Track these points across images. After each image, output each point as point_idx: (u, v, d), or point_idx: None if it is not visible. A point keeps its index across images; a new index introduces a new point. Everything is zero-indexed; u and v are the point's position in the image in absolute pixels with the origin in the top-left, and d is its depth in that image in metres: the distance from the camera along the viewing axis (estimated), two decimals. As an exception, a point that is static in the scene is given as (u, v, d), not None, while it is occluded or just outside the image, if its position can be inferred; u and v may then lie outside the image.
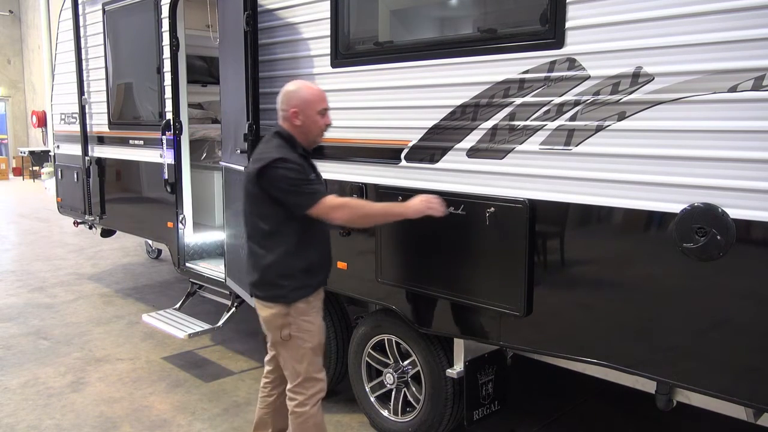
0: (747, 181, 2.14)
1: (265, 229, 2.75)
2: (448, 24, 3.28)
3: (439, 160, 3.03)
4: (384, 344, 3.55)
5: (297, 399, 2.89)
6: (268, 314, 2.83)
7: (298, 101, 2.78)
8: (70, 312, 5.94)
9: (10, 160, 19.43)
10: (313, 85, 2.90)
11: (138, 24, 5.24)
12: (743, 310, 2.21)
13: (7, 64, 19.81)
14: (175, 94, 4.78)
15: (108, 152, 5.86)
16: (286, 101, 2.81)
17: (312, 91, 2.83)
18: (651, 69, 2.32)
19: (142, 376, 4.47)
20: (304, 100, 2.78)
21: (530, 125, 2.67)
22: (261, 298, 2.84)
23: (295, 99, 2.79)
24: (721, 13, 2.15)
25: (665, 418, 3.47)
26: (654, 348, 2.44)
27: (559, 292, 2.69)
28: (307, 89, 2.82)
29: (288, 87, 2.85)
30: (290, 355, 2.86)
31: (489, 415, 3.27)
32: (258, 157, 2.74)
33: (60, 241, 9.31)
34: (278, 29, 3.81)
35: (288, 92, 2.82)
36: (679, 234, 2.29)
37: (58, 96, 6.73)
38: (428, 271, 3.13)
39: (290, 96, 2.81)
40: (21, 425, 3.77)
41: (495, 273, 2.84)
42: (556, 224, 2.68)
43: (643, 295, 2.43)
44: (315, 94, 2.82)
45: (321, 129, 2.86)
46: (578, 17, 2.51)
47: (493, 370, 3.27)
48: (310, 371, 2.87)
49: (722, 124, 2.18)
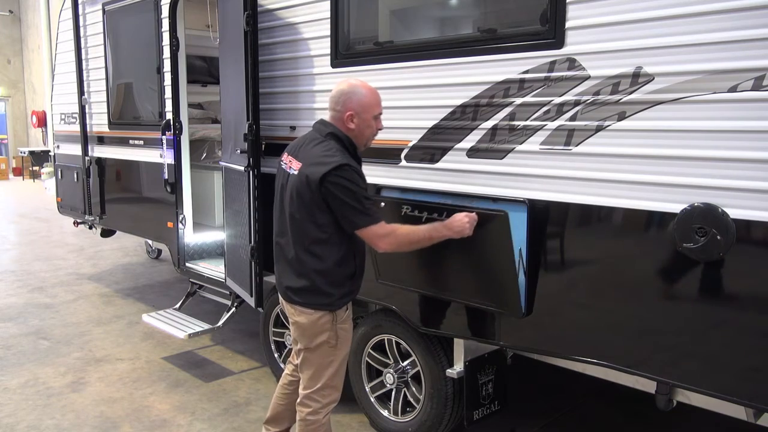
0: (747, 181, 2.14)
1: (319, 237, 2.62)
2: (448, 24, 3.28)
3: (439, 160, 3.03)
4: (384, 344, 3.55)
5: (312, 407, 2.80)
6: (308, 321, 2.70)
7: (356, 104, 2.64)
8: (70, 312, 5.94)
9: (10, 160, 19.43)
10: (370, 86, 2.72)
11: (138, 24, 5.24)
12: (743, 310, 2.22)
13: (7, 64, 19.81)
14: (175, 94, 4.78)
15: (108, 152, 5.86)
16: (343, 102, 2.65)
17: (371, 93, 2.68)
18: (651, 69, 2.32)
19: (142, 376, 4.47)
20: (361, 104, 2.64)
21: (530, 125, 2.67)
22: (303, 305, 2.70)
23: (352, 102, 2.64)
24: (721, 13, 2.15)
25: (665, 418, 3.47)
26: (654, 348, 2.44)
27: (558, 292, 2.69)
28: (366, 92, 2.67)
29: (342, 87, 2.69)
30: (320, 362, 2.76)
31: (489, 415, 3.27)
32: (319, 161, 2.57)
33: (60, 241, 9.31)
34: (278, 29, 3.81)
35: (343, 92, 2.66)
36: (679, 234, 2.29)
37: (58, 96, 6.73)
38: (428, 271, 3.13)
39: (347, 97, 2.65)
40: (21, 425, 3.77)
41: (495, 273, 2.84)
42: (556, 224, 2.68)
43: (643, 295, 2.43)
44: (374, 98, 2.68)
45: (374, 134, 2.75)
46: (578, 17, 2.51)
47: (493, 370, 3.27)
48: (334, 380, 2.81)
49: (722, 124, 2.18)
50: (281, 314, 4.15)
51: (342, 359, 2.82)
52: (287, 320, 4.11)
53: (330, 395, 2.83)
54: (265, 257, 3.70)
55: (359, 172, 2.61)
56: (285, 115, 3.86)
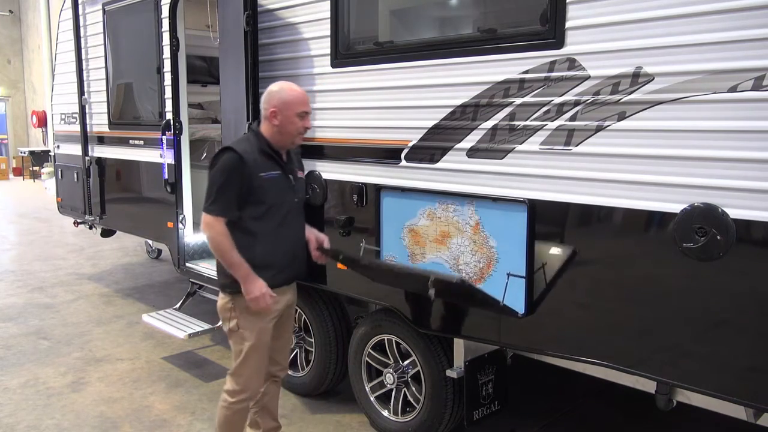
0: (747, 181, 2.14)
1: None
2: (448, 24, 3.28)
3: (439, 160, 3.03)
4: (384, 344, 3.55)
5: (224, 391, 2.96)
6: (219, 303, 2.92)
7: (278, 101, 2.81)
8: (70, 312, 5.94)
9: (10, 160, 19.43)
10: (297, 88, 2.89)
11: (138, 24, 5.23)
12: (743, 310, 2.21)
13: (7, 64, 19.81)
14: (175, 94, 4.78)
15: (108, 152, 5.85)
16: (267, 101, 2.84)
17: (294, 93, 2.84)
18: (651, 69, 2.32)
19: (142, 376, 4.47)
20: (283, 101, 2.81)
21: (530, 125, 2.67)
22: (216, 286, 2.92)
23: (275, 99, 2.82)
24: (721, 13, 2.15)
25: (665, 418, 3.47)
26: (654, 348, 2.44)
27: (558, 292, 2.69)
28: (290, 91, 2.84)
29: (271, 87, 2.87)
30: (233, 348, 2.92)
31: (489, 415, 3.27)
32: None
33: (60, 241, 9.31)
34: (278, 29, 3.81)
35: (270, 92, 2.85)
36: (679, 234, 2.29)
37: (58, 96, 6.72)
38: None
39: (271, 96, 2.83)
40: (21, 425, 3.77)
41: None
42: (556, 224, 2.68)
43: (643, 295, 2.43)
44: (296, 96, 2.83)
45: (298, 131, 2.86)
46: (578, 17, 2.51)
47: (493, 370, 3.27)
48: (241, 369, 2.89)
49: (722, 124, 2.18)
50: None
51: (249, 351, 2.87)
52: (287, 320, 4.12)
53: (237, 385, 2.91)
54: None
55: (235, 162, 2.73)
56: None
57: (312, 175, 3.69)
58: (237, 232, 2.79)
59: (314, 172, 3.67)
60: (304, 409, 3.96)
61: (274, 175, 2.84)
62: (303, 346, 4.09)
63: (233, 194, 2.74)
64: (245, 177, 2.75)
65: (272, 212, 2.83)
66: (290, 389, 4.13)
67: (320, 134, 3.63)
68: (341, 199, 3.56)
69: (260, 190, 2.78)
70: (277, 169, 2.87)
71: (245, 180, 2.75)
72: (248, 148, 2.80)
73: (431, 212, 3.11)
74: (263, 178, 2.79)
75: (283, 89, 2.84)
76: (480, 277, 2.95)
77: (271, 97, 2.83)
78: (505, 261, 2.84)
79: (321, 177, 3.64)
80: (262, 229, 2.82)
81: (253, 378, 2.93)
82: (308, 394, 4.06)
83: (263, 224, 2.82)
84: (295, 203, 2.95)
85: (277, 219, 2.84)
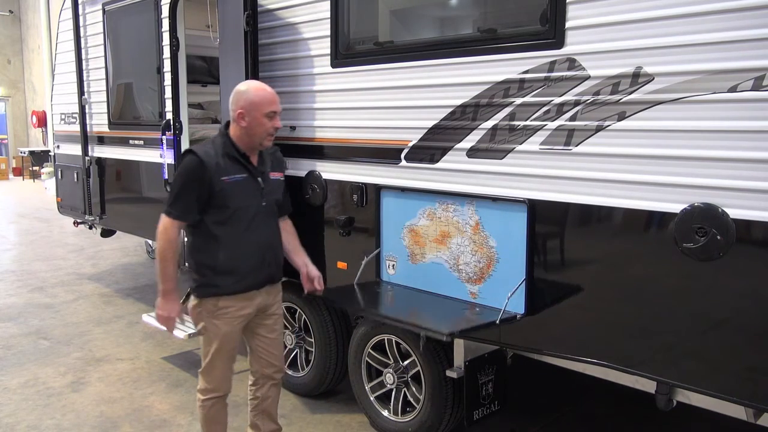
0: (747, 181, 2.14)
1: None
2: (448, 24, 3.28)
3: (439, 160, 3.03)
4: (384, 344, 3.55)
5: (197, 389, 3.00)
6: (189, 305, 2.91)
7: (245, 102, 2.72)
8: (70, 312, 5.94)
9: (10, 160, 19.43)
10: (265, 87, 2.79)
11: (138, 24, 5.24)
12: (743, 310, 2.22)
13: (7, 64, 19.80)
14: (175, 94, 4.77)
15: (108, 152, 5.85)
16: (234, 101, 2.75)
17: (261, 92, 2.75)
18: (651, 69, 2.32)
19: (142, 376, 4.47)
20: (250, 102, 2.72)
21: (530, 125, 2.67)
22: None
23: (242, 100, 2.73)
24: (721, 13, 2.15)
25: (665, 418, 3.47)
26: (654, 348, 2.44)
27: (558, 292, 2.69)
28: (256, 91, 2.75)
29: (239, 87, 2.79)
30: (202, 349, 2.94)
31: (489, 415, 3.27)
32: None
33: (60, 241, 9.31)
34: (278, 29, 3.81)
35: (237, 92, 2.77)
36: (679, 234, 2.29)
37: (58, 96, 6.73)
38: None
39: (238, 97, 2.75)
40: (21, 425, 3.77)
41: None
42: (556, 224, 2.68)
43: (643, 295, 2.43)
44: (263, 96, 2.74)
45: (267, 132, 2.77)
46: (578, 17, 2.51)
47: (493, 370, 3.26)
48: (208, 370, 2.92)
49: (722, 124, 2.18)
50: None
51: (215, 354, 2.87)
52: (287, 320, 4.12)
53: (207, 384, 2.94)
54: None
55: (194, 166, 2.69)
56: (285, 115, 3.84)
57: (312, 175, 3.69)
58: (200, 237, 2.77)
59: (314, 172, 3.67)
60: (304, 409, 3.96)
61: (239, 179, 2.76)
62: (303, 346, 4.09)
63: (192, 198, 2.70)
64: (205, 181, 2.68)
65: (237, 217, 2.76)
66: (290, 389, 4.13)
67: (320, 134, 3.63)
68: (341, 199, 3.56)
69: (222, 195, 2.71)
70: (243, 172, 2.78)
71: (205, 184, 2.68)
72: (211, 152, 2.74)
73: (431, 212, 3.11)
74: (225, 182, 2.71)
75: (250, 90, 2.76)
76: (480, 277, 2.95)
77: (238, 98, 2.74)
78: (505, 261, 2.84)
79: (321, 177, 3.64)
80: (225, 233, 2.76)
81: (220, 378, 2.94)
82: (308, 394, 4.06)
83: (227, 229, 2.76)
84: (264, 207, 2.85)
85: (243, 224, 2.77)
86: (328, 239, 3.64)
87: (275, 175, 2.95)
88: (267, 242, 2.88)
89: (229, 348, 2.90)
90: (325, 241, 3.66)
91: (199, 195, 2.70)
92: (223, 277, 2.78)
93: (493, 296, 2.91)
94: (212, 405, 2.97)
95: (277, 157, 3.04)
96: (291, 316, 4.12)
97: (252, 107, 2.72)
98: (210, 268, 2.79)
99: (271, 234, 2.92)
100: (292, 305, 4.05)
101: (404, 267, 3.30)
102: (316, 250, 3.69)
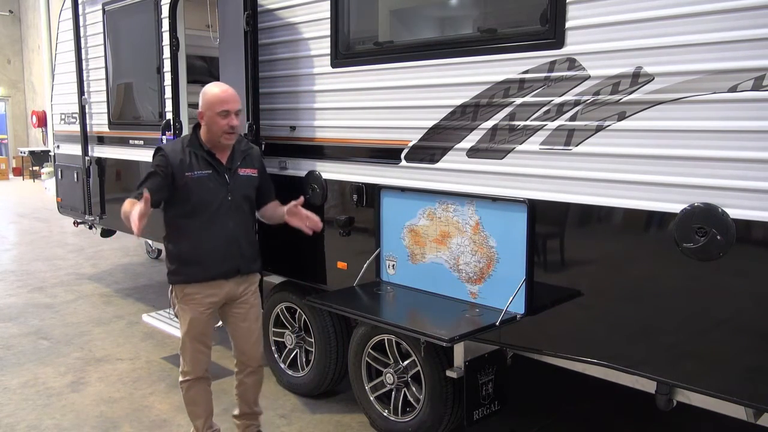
0: (747, 181, 2.14)
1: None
2: (448, 24, 3.28)
3: (439, 160, 3.03)
4: (384, 344, 3.55)
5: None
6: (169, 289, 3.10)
7: (203, 103, 2.92)
8: (70, 312, 5.94)
9: (10, 160, 19.43)
10: (220, 87, 2.95)
11: (138, 24, 5.24)
12: (743, 310, 2.22)
13: (7, 64, 19.81)
14: (175, 94, 4.77)
15: (108, 152, 5.85)
16: (200, 102, 2.94)
17: (214, 93, 2.91)
18: (651, 69, 2.32)
19: (142, 376, 4.47)
20: (206, 102, 2.91)
21: (530, 125, 2.67)
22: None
23: (202, 101, 2.93)
24: (721, 13, 2.15)
25: (665, 418, 3.47)
26: (654, 348, 2.44)
27: (559, 292, 2.69)
28: (212, 92, 2.91)
29: (204, 88, 2.96)
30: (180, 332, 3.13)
31: (489, 415, 3.27)
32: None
33: (60, 241, 9.31)
34: (278, 29, 3.81)
35: (202, 93, 2.95)
36: (679, 234, 2.29)
37: (58, 96, 6.73)
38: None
39: (201, 97, 2.94)
40: (21, 425, 3.77)
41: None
42: (556, 224, 2.68)
43: (643, 295, 2.43)
44: (215, 96, 2.90)
45: (222, 130, 2.91)
46: (578, 17, 2.51)
47: (493, 370, 3.26)
48: (182, 350, 3.10)
49: (722, 124, 2.18)
50: (281, 314, 4.15)
51: (185, 337, 3.07)
52: (287, 320, 4.13)
53: (184, 366, 3.11)
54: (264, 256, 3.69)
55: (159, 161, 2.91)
56: (285, 115, 3.86)
57: (312, 175, 3.69)
58: (169, 228, 3.02)
59: (314, 172, 3.68)
60: (304, 409, 3.96)
61: (203, 175, 2.93)
62: (303, 346, 4.09)
63: (155, 186, 2.86)
64: (168, 176, 2.89)
65: (199, 210, 2.94)
66: (290, 389, 4.13)
67: (320, 134, 3.63)
68: (341, 199, 3.56)
69: (186, 189, 2.91)
70: (208, 168, 2.95)
71: (168, 178, 2.89)
72: (177, 148, 2.95)
73: (431, 212, 3.11)
74: (189, 177, 2.90)
75: (207, 91, 2.93)
76: (480, 277, 2.95)
77: (201, 99, 2.93)
78: (505, 261, 2.84)
79: (321, 177, 3.64)
80: (189, 226, 2.96)
81: (192, 360, 3.09)
82: (308, 394, 4.06)
83: (191, 222, 2.95)
84: (229, 201, 2.99)
85: (205, 217, 2.94)
86: (328, 239, 3.64)
87: (246, 171, 3.08)
88: (231, 235, 3.01)
89: (196, 332, 3.05)
90: (325, 241, 3.66)
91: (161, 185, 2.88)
92: (188, 266, 2.99)
93: (493, 296, 2.91)
94: (189, 387, 3.14)
95: (251, 154, 3.16)
96: (291, 316, 4.12)
97: (207, 107, 2.91)
98: (177, 257, 3.01)
99: (236, 227, 3.03)
100: (292, 305, 4.05)
101: (404, 267, 3.30)
102: (316, 250, 3.70)
